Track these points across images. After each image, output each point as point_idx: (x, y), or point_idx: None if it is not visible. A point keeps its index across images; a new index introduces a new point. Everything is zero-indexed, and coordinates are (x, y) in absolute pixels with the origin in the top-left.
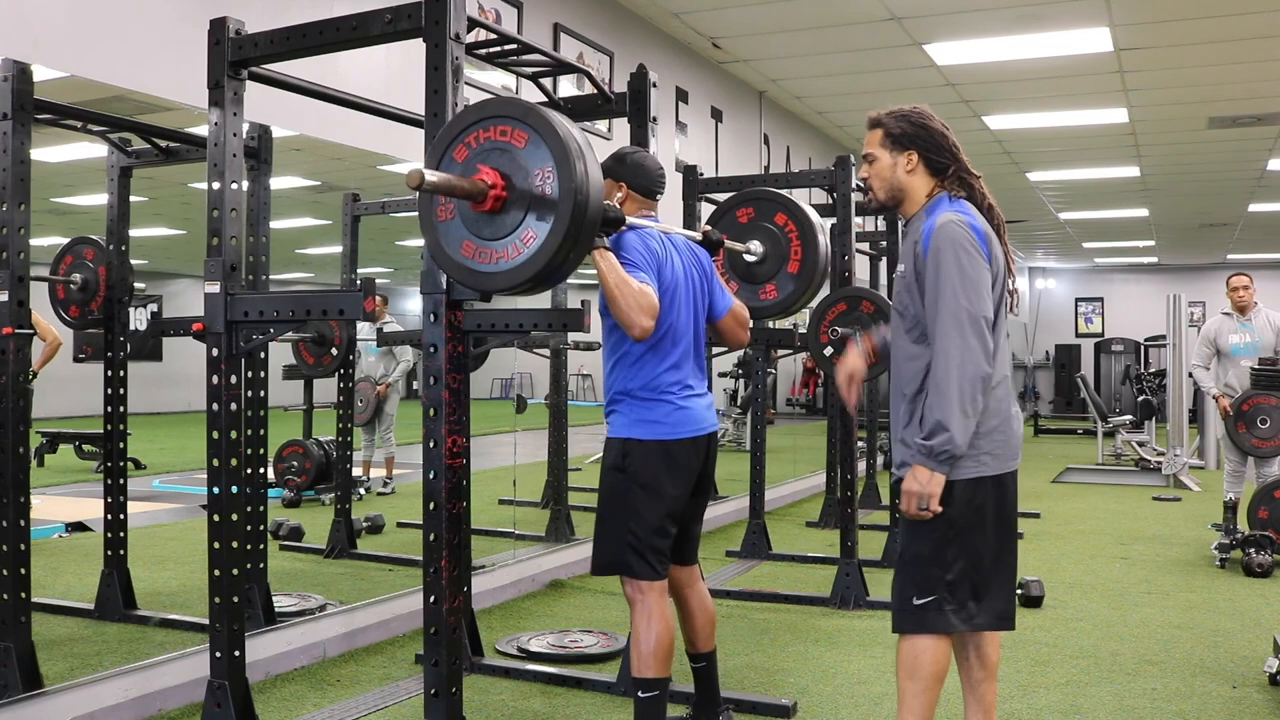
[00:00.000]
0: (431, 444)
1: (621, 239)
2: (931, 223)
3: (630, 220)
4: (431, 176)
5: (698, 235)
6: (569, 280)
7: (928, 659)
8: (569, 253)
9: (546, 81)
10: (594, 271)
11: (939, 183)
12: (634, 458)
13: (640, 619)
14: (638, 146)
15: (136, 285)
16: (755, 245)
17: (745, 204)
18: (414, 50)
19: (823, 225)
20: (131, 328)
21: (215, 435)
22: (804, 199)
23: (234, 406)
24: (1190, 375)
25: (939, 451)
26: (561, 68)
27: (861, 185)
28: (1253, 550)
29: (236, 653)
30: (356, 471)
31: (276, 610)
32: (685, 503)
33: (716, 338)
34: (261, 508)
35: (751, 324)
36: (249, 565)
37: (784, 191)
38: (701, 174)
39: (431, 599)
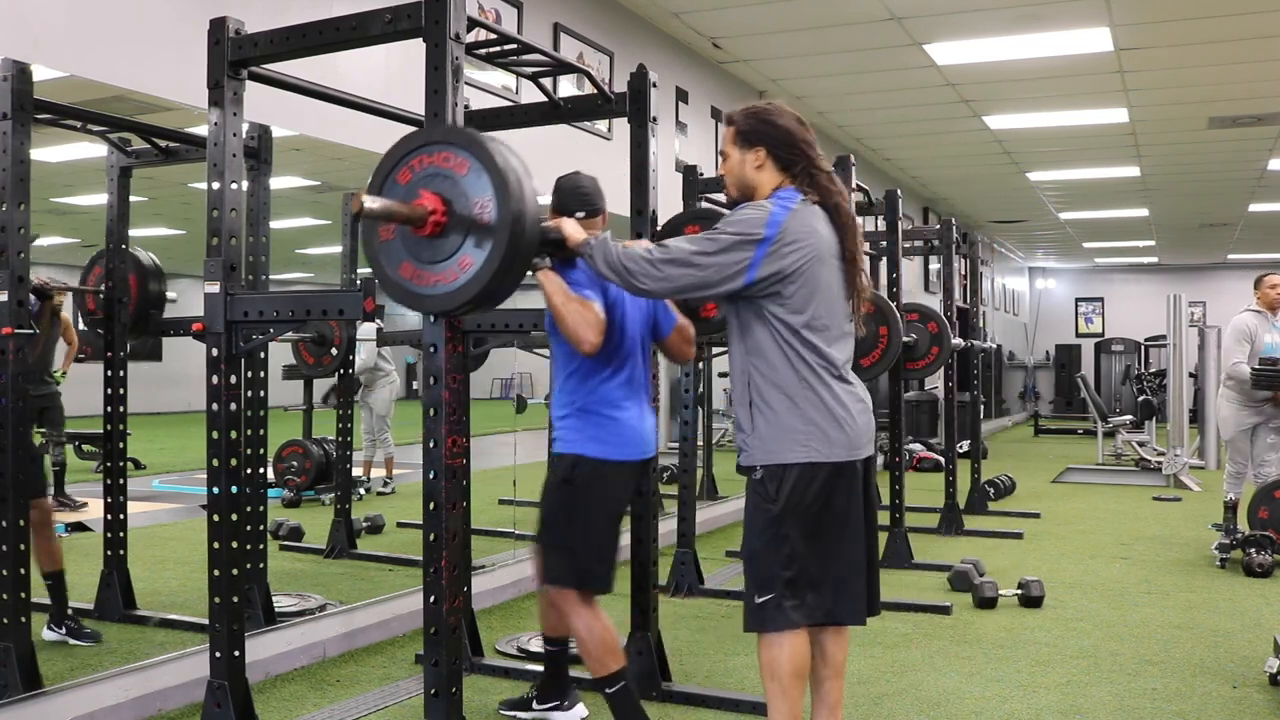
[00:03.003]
0: (431, 444)
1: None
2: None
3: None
4: (371, 204)
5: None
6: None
7: (784, 657)
8: (504, 278)
9: (546, 81)
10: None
11: (788, 178)
12: (581, 472)
13: (580, 626)
14: (575, 171)
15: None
16: None
17: (694, 222)
18: (414, 50)
19: None
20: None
21: (215, 435)
22: None
23: (234, 406)
24: (1231, 377)
25: (593, 244)
26: (561, 68)
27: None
28: (1253, 550)
29: (236, 653)
30: (356, 472)
31: (276, 610)
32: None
33: (664, 354)
34: (261, 508)
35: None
36: (249, 565)
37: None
38: (701, 174)
39: (431, 599)
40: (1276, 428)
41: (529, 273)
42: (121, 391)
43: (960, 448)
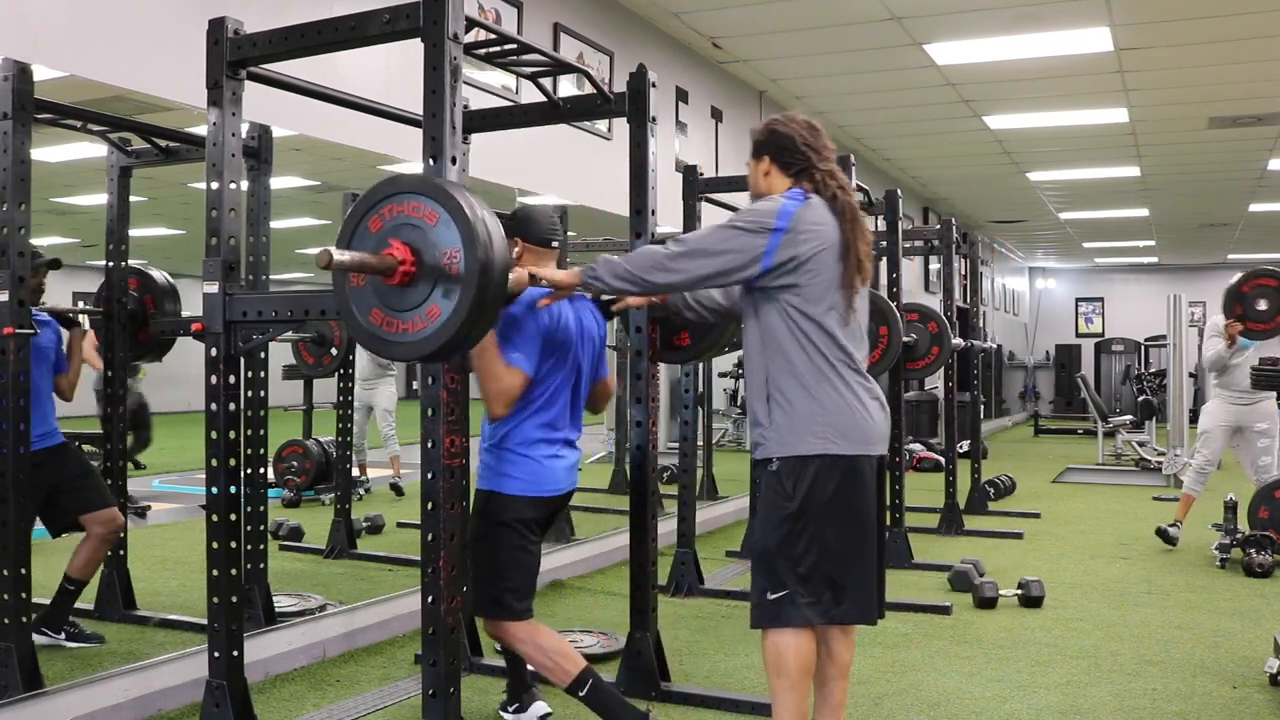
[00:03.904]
0: (429, 444)
1: (511, 309)
2: None
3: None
4: (340, 256)
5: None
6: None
7: (790, 654)
8: (471, 328)
9: (546, 81)
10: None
11: (794, 181)
12: (494, 508)
13: (529, 649)
14: (534, 205)
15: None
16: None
17: None
18: (413, 50)
19: None
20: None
21: (214, 435)
22: None
23: (233, 406)
24: (1207, 362)
25: (596, 270)
26: (561, 68)
27: None
28: (1253, 550)
29: (235, 653)
30: (356, 472)
31: (276, 610)
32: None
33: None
34: (261, 508)
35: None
36: (250, 565)
37: None
38: (701, 174)
39: (429, 599)
40: (1262, 430)
41: None
42: (121, 392)
43: (960, 448)
